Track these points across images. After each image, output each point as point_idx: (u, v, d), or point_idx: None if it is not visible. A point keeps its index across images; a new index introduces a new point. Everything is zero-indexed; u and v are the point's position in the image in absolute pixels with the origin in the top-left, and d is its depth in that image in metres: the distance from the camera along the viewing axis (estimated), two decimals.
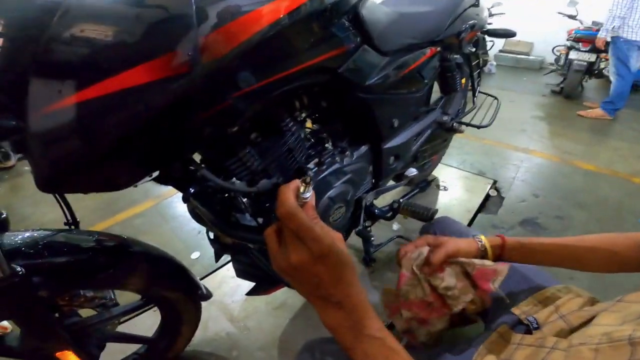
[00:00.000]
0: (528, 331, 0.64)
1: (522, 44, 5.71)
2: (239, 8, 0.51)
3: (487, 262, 0.68)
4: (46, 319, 0.60)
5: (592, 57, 3.79)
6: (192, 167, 0.65)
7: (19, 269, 0.52)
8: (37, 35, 0.43)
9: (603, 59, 3.86)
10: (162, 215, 2.05)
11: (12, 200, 2.32)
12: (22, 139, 0.56)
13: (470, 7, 1.42)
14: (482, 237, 0.73)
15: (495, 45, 5.60)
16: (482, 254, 0.72)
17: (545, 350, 0.50)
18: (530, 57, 5.64)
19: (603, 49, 3.43)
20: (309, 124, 1.04)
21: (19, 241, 0.60)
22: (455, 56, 1.37)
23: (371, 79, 0.91)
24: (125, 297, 0.95)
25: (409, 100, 1.13)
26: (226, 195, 0.80)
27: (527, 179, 2.27)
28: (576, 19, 4.04)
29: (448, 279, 0.68)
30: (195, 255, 1.71)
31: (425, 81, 1.19)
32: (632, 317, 0.43)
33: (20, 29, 0.43)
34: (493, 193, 2.10)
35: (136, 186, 0.54)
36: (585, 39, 3.75)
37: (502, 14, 4.42)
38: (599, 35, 3.34)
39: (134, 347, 1.10)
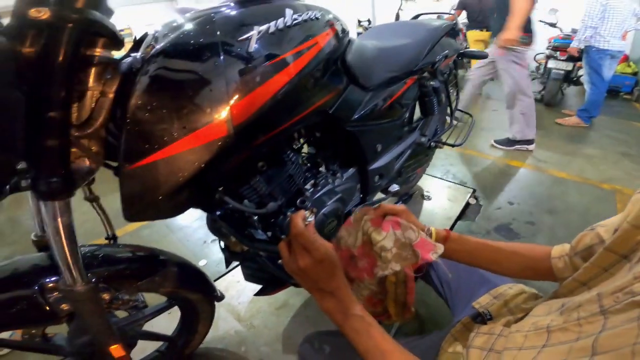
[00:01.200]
0: (484, 321, 0.76)
1: None
2: (257, 79, 0.67)
3: (430, 239, 0.71)
4: (105, 317, 0.74)
5: (569, 66, 3.97)
6: (215, 194, 0.82)
7: (90, 276, 0.68)
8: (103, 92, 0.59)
9: (580, 67, 4.01)
10: (168, 226, 2.20)
11: (17, 213, 2.43)
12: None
13: (446, 33, 1.58)
14: (431, 227, 0.80)
15: None
16: (428, 234, 0.77)
17: (494, 337, 0.62)
18: None
19: (577, 55, 3.62)
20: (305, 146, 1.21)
21: (82, 253, 0.77)
22: (432, 82, 1.53)
23: (356, 114, 1.08)
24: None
25: (390, 128, 1.30)
26: (237, 215, 0.97)
27: (504, 188, 2.45)
28: (556, 27, 4.21)
29: (389, 239, 0.69)
30: (202, 262, 1.87)
31: (404, 109, 1.36)
32: (554, 309, 0.55)
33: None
34: (472, 201, 2.27)
35: (183, 212, 0.72)
36: (563, 47, 3.92)
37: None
38: (571, 45, 3.53)
39: (149, 346, 1.25)
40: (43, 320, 0.76)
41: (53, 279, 0.70)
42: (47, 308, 0.71)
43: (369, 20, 5.70)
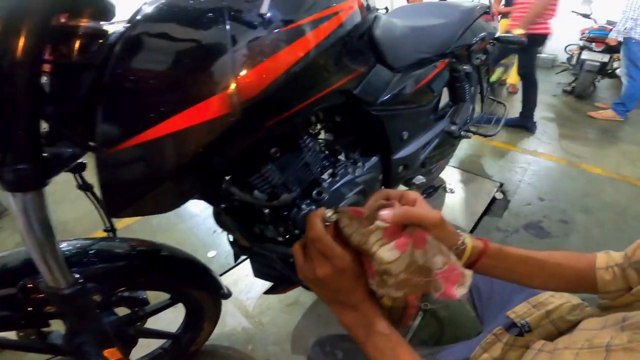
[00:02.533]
0: (521, 333, 0.66)
1: None
2: (270, 48, 0.56)
3: (459, 263, 0.49)
4: (97, 320, 0.66)
5: (605, 58, 3.78)
6: (221, 184, 0.72)
7: (78, 277, 0.58)
8: (88, 65, 0.50)
9: (616, 59, 3.84)
10: (178, 214, 2.12)
11: None
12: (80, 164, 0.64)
13: (481, 15, 1.45)
14: (467, 237, 0.56)
15: None
16: (456, 252, 0.54)
17: (534, 352, 0.53)
18: (542, 55, 5.54)
19: (615, 44, 3.45)
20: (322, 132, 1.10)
21: (71, 249, 0.68)
22: (465, 67, 1.41)
23: (383, 97, 0.97)
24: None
25: (418, 113, 1.18)
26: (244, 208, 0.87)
27: (534, 182, 2.30)
28: (590, 18, 4.00)
29: (399, 263, 0.46)
30: (211, 253, 1.80)
31: (435, 93, 1.24)
32: (611, 324, 0.47)
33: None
34: (499, 196, 2.14)
35: (180, 205, 0.62)
36: (599, 39, 3.74)
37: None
38: (609, 36, 3.34)
39: (153, 343, 1.16)
40: (27, 322, 0.68)
41: (37, 278, 0.61)
42: (30, 309, 0.63)
43: (386, 8, 5.52)
